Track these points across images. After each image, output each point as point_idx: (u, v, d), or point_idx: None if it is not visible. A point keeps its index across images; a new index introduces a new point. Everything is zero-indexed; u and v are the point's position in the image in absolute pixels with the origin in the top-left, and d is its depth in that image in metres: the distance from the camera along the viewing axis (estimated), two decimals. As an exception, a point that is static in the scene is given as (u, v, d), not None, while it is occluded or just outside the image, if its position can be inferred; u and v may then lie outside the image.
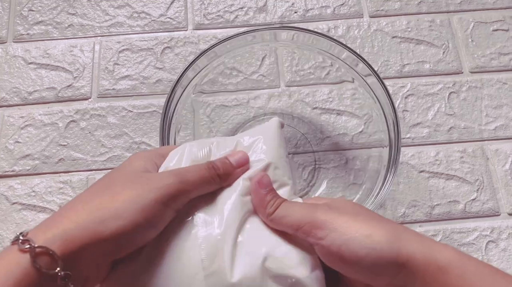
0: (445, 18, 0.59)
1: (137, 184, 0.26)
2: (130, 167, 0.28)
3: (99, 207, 0.25)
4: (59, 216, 0.25)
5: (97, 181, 0.28)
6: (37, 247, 0.22)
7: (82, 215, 0.24)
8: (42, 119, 0.53)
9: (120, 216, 0.24)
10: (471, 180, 0.51)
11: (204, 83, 0.48)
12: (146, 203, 0.25)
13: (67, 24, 0.58)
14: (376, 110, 0.44)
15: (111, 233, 0.24)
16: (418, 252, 0.23)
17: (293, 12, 0.59)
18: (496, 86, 0.55)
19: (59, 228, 0.23)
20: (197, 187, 0.28)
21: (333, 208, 0.27)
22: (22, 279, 0.22)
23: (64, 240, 0.23)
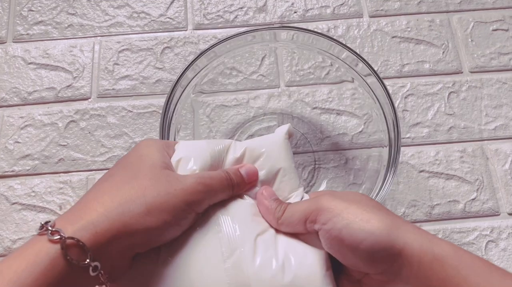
0: (444, 18, 0.59)
1: (166, 182, 0.27)
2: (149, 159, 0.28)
3: (128, 200, 0.25)
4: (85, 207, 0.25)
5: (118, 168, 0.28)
6: (67, 238, 0.22)
7: (111, 206, 0.24)
8: (42, 120, 0.53)
9: (151, 212, 0.25)
10: (471, 179, 0.51)
11: (204, 83, 0.48)
12: (177, 204, 0.26)
13: (66, 24, 0.58)
14: (376, 110, 0.44)
15: (141, 228, 0.24)
16: (415, 242, 0.24)
17: (293, 12, 0.59)
18: (496, 86, 0.55)
19: (88, 220, 0.23)
20: (219, 195, 0.29)
21: (337, 196, 0.27)
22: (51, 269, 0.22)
23: (93, 232, 0.23)
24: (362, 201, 0.27)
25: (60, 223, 0.23)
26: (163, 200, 0.25)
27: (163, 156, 0.29)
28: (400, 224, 0.25)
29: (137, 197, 0.25)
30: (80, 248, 0.23)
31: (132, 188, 0.26)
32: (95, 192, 0.26)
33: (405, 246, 0.24)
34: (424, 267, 0.23)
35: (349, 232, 0.25)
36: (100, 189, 0.26)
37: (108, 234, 0.23)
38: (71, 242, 0.22)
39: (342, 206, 0.26)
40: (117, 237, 0.24)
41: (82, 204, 0.25)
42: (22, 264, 0.22)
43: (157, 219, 0.25)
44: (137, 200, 0.25)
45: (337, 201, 0.26)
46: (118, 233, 0.24)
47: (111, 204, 0.24)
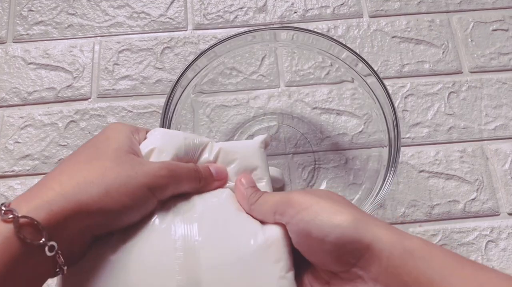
0: (444, 18, 0.59)
1: (128, 165, 0.26)
2: (115, 142, 0.28)
3: (87, 181, 0.24)
4: (42, 186, 0.24)
5: (82, 149, 0.28)
6: (20, 217, 0.22)
7: (68, 186, 0.24)
8: (42, 120, 0.53)
9: (109, 194, 0.24)
10: (471, 179, 0.51)
11: (204, 83, 0.48)
12: (137, 187, 0.25)
13: (66, 24, 0.58)
14: (376, 110, 0.44)
15: (98, 210, 0.24)
16: (384, 236, 0.23)
17: (293, 12, 0.59)
18: (495, 86, 0.55)
19: (43, 199, 0.23)
20: (184, 184, 0.29)
21: (309, 192, 0.27)
22: (5, 249, 0.21)
23: (49, 211, 0.22)
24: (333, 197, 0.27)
25: (15, 203, 0.23)
26: (123, 183, 0.25)
27: (130, 141, 0.29)
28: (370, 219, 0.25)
29: (96, 178, 0.24)
30: (34, 227, 0.22)
31: (93, 168, 0.25)
32: (55, 172, 0.25)
33: (373, 240, 0.23)
34: (394, 261, 0.23)
35: (316, 224, 0.24)
36: (60, 169, 0.26)
37: (64, 214, 0.23)
38: (25, 221, 0.22)
39: (312, 201, 0.26)
40: (74, 218, 0.23)
41: (41, 183, 0.25)
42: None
43: (115, 201, 0.24)
44: (95, 181, 0.24)
45: (308, 196, 0.26)
46: (74, 213, 0.23)
47: (69, 183, 0.24)
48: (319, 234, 0.24)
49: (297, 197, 0.26)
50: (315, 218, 0.25)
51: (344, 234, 0.24)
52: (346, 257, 0.24)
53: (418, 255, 0.22)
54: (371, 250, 0.23)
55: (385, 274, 0.23)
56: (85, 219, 0.24)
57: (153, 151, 0.30)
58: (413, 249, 0.23)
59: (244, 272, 0.25)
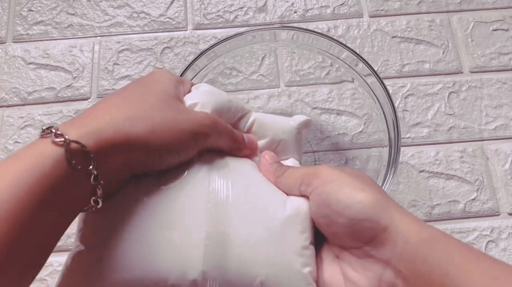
0: (445, 18, 0.59)
1: (175, 109, 0.27)
2: (163, 85, 0.28)
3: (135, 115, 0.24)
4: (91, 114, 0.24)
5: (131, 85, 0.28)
6: (72, 141, 0.21)
7: (117, 117, 0.24)
8: (41, 120, 0.53)
9: (155, 132, 0.25)
10: (471, 179, 0.51)
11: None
12: (181, 131, 0.26)
13: (66, 24, 0.58)
14: (376, 110, 0.44)
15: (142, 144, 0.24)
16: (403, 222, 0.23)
17: (293, 12, 0.59)
18: (496, 86, 0.55)
19: (94, 126, 0.23)
20: (222, 139, 0.29)
21: (338, 167, 0.28)
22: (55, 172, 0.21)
23: (98, 139, 0.22)
24: (360, 176, 0.27)
25: (63, 127, 0.22)
26: (169, 124, 0.25)
27: (176, 88, 0.29)
28: (392, 203, 0.25)
29: (145, 115, 0.25)
30: (84, 153, 0.22)
31: (142, 105, 0.25)
32: (103, 103, 0.25)
33: (391, 223, 0.23)
34: (410, 248, 0.23)
35: (337, 197, 0.25)
36: (109, 101, 0.26)
37: (111, 144, 0.23)
38: (76, 146, 0.21)
39: (339, 175, 0.26)
40: (119, 149, 0.23)
41: (89, 112, 0.24)
42: (22, 165, 0.20)
43: (160, 140, 0.25)
44: (144, 117, 0.25)
45: (336, 170, 0.27)
46: (120, 145, 0.23)
47: (118, 115, 0.24)
48: (339, 206, 0.25)
49: (325, 170, 0.27)
50: (338, 191, 0.25)
51: (362, 211, 0.24)
52: (361, 233, 0.24)
53: (435, 246, 0.22)
54: (387, 232, 0.23)
55: (398, 259, 0.23)
56: (129, 153, 0.24)
57: (197, 105, 0.30)
58: (430, 239, 0.23)
59: (271, 237, 0.26)
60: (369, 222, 0.24)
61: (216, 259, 0.25)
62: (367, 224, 0.24)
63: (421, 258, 0.22)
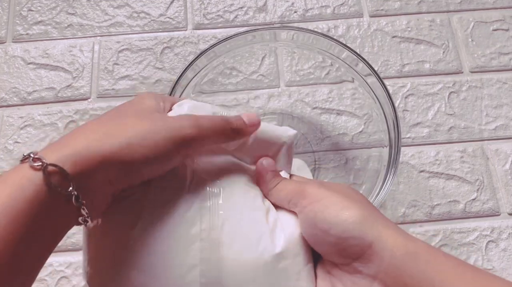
0: (445, 18, 0.59)
1: (150, 120, 0.26)
2: (141, 104, 0.28)
3: (110, 134, 0.25)
4: (68, 139, 0.24)
5: (106, 113, 0.28)
6: (49, 164, 0.22)
7: (92, 139, 0.24)
8: (41, 120, 0.53)
9: (130, 146, 0.24)
10: (471, 179, 0.51)
11: (203, 83, 0.48)
12: (158, 139, 0.25)
13: (66, 24, 0.58)
14: (376, 110, 0.44)
15: (119, 160, 0.24)
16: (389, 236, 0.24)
17: (293, 12, 0.59)
18: (496, 86, 0.55)
19: (70, 149, 0.23)
20: (210, 135, 0.28)
21: (325, 185, 0.28)
22: (35, 196, 0.21)
23: (74, 161, 0.23)
24: (346, 192, 0.27)
25: (42, 152, 0.23)
26: (144, 135, 0.25)
27: (157, 104, 0.29)
28: (378, 218, 0.25)
29: (119, 131, 0.25)
30: (62, 175, 0.22)
31: (116, 124, 0.26)
32: (81, 127, 0.26)
33: (377, 239, 0.24)
34: (396, 262, 0.23)
35: (323, 216, 0.25)
36: (86, 125, 0.26)
37: (88, 164, 0.23)
38: (53, 169, 0.22)
39: (324, 194, 0.27)
40: (97, 169, 0.23)
41: (65, 138, 0.25)
42: (6, 189, 0.21)
43: (136, 153, 0.24)
44: (117, 134, 0.25)
45: (321, 189, 0.27)
46: (97, 164, 0.23)
47: (93, 136, 0.24)
48: (324, 226, 0.25)
49: (311, 189, 0.27)
50: (324, 210, 0.26)
51: (347, 229, 0.24)
52: (348, 251, 0.25)
53: (421, 259, 0.23)
54: (372, 248, 0.24)
55: (385, 273, 0.23)
56: (107, 170, 0.24)
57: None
58: (416, 252, 0.23)
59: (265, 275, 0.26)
60: (354, 240, 0.24)
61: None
62: (353, 242, 0.24)
63: (407, 271, 0.23)
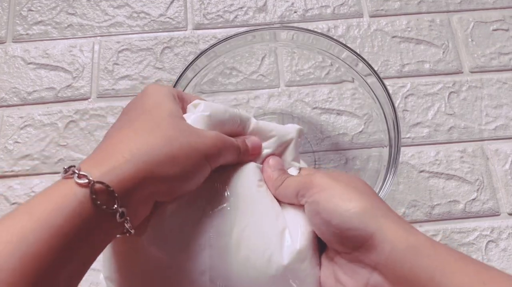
0: (445, 18, 0.59)
1: (189, 133, 0.27)
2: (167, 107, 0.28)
3: (154, 149, 0.25)
4: (110, 152, 0.24)
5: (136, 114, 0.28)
6: (96, 182, 0.22)
7: (137, 153, 0.24)
8: (41, 120, 0.53)
9: (175, 162, 0.25)
10: (471, 179, 0.51)
11: (203, 83, 0.48)
12: (198, 155, 0.27)
13: (66, 24, 0.58)
14: (376, 110, 0.44)
15: (166, 177, 0.25)
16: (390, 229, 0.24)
17: (293, 12, 0.59)
18: (496, 86, 0.55)
19: (115, 165, 0.23)
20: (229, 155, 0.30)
21: (332, 175, 0.28)
22: (80, 212, 0.21)
23: (120, 178, 0.23)
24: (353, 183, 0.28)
25: (85, 167, 0.23)
26: (187, 151, 0.26)
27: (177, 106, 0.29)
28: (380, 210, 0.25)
29: (163, 146, 0.25)
30: (108, 193, 0.22)
31: (157, 137, 0.26)
32: (117, 138, 0.26)
33: (378, 231, 0.24)
34: (396, 254, 0.23)
35: (325, 206, 0.26)
36: (122, 135, 0.26)
37: (135, 181, 0.23)
38: (100, 187, 0.22)
39: (329, 184, 0.27)
40: (142, 184, 0.24)
41: (105, 149, 0.25)
42: (50, 205, 0.21)
43: (181, 169, 0.25)
44: (163, 149, 0.25)
45: (327, 179, 0.27)
46: (144, 180, 0.24)
47: (137, 151, 0.24)
48: (326, 216, 0.26)
49: (316, 180, 0.28)
50: (327, 200, 0.26)
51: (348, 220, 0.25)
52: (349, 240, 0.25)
53: (422, 253, 0.23)
54: (373, 239, 0.24)
55: (385, 265, 0.24)
56: (153, 186, 0.25)
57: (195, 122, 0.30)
58: (417, 246, 0.23)
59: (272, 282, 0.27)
60: (355, 231, 0.25)
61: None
62: (353, 232, 0.25)
63: (407, 264, 0.23)
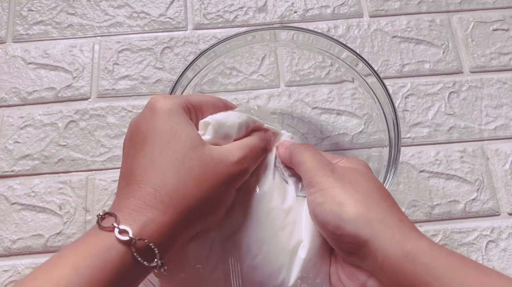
0: (445, 18, 0.59)
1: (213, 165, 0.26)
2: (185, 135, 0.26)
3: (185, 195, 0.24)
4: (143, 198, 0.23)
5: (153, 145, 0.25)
6: (138, 240, 0.22)
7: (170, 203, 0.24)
8: (41, 120, 0.53)
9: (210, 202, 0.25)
10: (471, 179, 0.51)
11: (204, 83, 0.48)
12: (228, 189, 0.27)
13: (66, 24, 0.58)
14: (376, 110, 0.44)
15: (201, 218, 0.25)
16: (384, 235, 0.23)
17: (293, 12, 0.59)
18: (496, 86, 0.55)
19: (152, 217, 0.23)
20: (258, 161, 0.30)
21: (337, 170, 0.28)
22: (123, 269, 0.22)
23: (160, 232, 0.23)
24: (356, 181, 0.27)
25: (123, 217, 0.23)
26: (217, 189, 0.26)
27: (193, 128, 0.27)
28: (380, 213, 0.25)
29: (195, 191, 0.24)
30: (149, 249, 0.23)
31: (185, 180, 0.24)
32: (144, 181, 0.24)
33: (372, 238, 0.23)
34: (391, 262, 0.23)
35: (321, 210, 0.26)
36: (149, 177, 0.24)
37: (174, 231, 0.24)
38: (141, 244, 0.22)
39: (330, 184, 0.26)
40: (181, 232, 0.24)
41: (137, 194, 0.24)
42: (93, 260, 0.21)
43: (213, 206, 0.26)
44: (195, 194, 0.24)
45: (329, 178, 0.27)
46: (181, 228, 0.24)
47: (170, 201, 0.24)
48: (322, 220, 0.26)
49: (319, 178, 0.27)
50: (322, 203, 0.26)
51: (341, 226, 0.24)
52: (344, 246, 0.25)
53: (419, 260, 0.22)
54: (367, 247, 0.24)
55: (380, 271, 0.23)
56: (190, 230, 0.25)
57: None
58: (415, 253, 0.22)
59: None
60: (348, 237, 0.24)
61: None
62: (347, 239, 0.24)
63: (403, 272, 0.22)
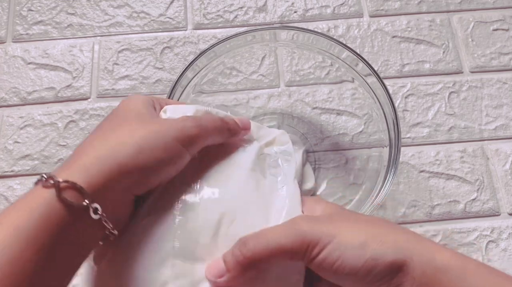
0: (445, 18, 0.59)
1: (153, 123, 0.27)
2: (136, 109, 0.28)
3: (118, 142, 0.25)
4: (78, 154, 0.25)
5: (105, 120, 0.28)
6: (61, 181, 0.22)
7: (101, 150, 0.24)
8: (41, 120, 0.53)
9: (143, 151, 0.25)
10: (471, 179, 0.51)
11: (203, 83, 0.48)
12: (168, 141, 0.26)
13: (66, 24, 0.58)
14: (376, 110, 0.44)
15: (134, 166, 0.24)
16: (414, 255, 0.23)
17: (293, 12, 0.59)
18: (496, 86, 0.55)
19: (81, 164, 0.23)
20: (212, 135, 0.29)
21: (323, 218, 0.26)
22: (49, 214, 0.21)
23: (87, 174, 0.23)
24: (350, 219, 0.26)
25: (55, 172, 0.23)
26: (153, 138, 0.25)
27: (149, 109, 0.29)
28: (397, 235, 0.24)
29: (128, 138, 0.25)
30: (76, 189, 0.22)
31: (121, 131, 0.26)
32: (85, 142, 0.26)
33: (404, 262, 0.23)
34: (427, 278, 0.23)
35: (344, 261, 0.23)
36: (90, 138, 0.26)
37: (103, 175, 0.23)
38: (66, 185, 0.22)
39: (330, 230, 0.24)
40: (112, 178, 0.24)
41: (75, 153, 0.25)
42: (18, 214, 0.21)
43: (150, 157, 0.25)
44: (128, 140, 0.25)
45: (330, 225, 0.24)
46: (112, 174, 0.24)
47: (102, 147, 0.24)
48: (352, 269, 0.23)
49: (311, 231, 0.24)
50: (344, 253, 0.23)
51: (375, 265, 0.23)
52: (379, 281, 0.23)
53: (450, 272, 0.22)
54: (402, 271, 0.23)
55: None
56: (124, 179, 0.24)
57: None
58: (445, 266, 0.23)
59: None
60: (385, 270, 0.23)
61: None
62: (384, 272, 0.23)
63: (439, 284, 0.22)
